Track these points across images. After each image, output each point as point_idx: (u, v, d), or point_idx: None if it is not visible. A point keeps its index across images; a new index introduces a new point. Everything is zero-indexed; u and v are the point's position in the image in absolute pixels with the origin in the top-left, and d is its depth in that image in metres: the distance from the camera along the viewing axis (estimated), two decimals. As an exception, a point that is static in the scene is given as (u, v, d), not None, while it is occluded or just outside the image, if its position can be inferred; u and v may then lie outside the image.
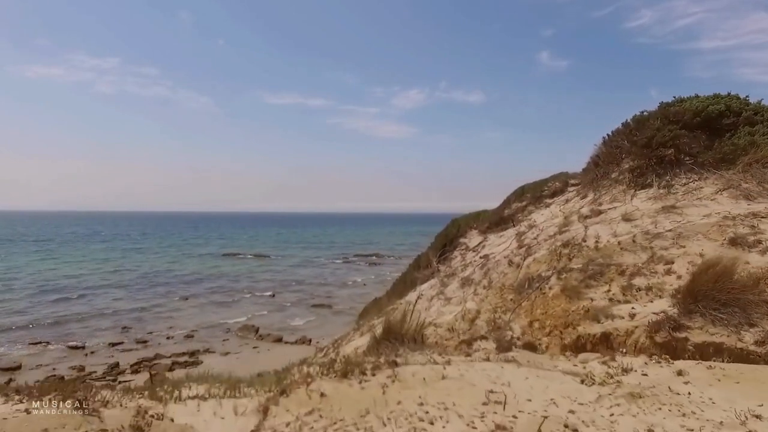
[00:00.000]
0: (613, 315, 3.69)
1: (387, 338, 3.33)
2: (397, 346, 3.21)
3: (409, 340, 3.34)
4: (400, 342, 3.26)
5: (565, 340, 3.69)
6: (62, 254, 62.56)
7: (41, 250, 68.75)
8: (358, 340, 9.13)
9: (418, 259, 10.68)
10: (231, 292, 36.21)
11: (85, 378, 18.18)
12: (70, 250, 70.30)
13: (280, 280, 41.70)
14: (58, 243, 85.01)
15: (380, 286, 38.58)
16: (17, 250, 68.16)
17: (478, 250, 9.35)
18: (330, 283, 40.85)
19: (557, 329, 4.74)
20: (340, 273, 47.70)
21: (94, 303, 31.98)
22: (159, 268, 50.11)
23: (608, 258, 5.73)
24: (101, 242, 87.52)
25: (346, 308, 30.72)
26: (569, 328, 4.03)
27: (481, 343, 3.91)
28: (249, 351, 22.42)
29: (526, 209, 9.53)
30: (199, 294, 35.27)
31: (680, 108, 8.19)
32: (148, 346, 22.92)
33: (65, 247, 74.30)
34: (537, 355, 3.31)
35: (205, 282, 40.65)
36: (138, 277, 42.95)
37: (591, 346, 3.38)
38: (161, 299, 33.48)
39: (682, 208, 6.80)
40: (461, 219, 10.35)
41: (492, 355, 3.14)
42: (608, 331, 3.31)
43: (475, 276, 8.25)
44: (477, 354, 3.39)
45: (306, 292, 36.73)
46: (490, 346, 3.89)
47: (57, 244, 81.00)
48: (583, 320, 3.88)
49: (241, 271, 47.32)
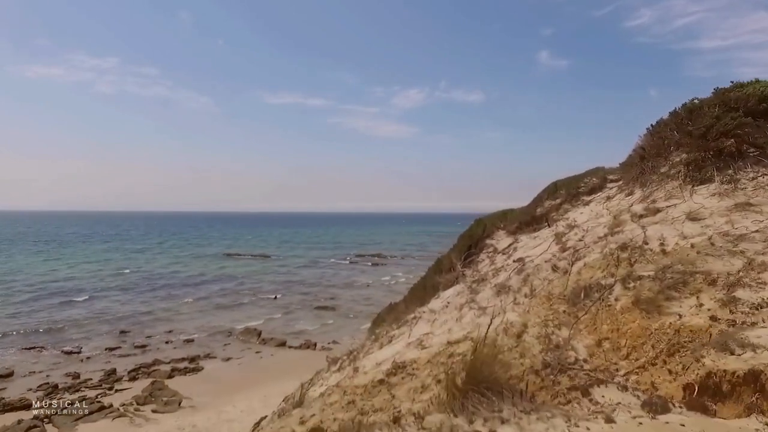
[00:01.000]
0: (753, 344, 2.77)
1: (475, 386, 2.36)
2: (495, 402, 2.28)
3: (506, 388, 2.41)
4: (497, 393, 2.32)
5: (682, 377, 2.77)
6: (63, 255, 61.74)
7: (43, 251, 67.96)
8: (377, 353, 8.19)
9: (439, 262, 9.76)
10: (233, 294, 35.34)
11: (79, 386, 17.30)
12: (71, 250, 69.50)
13: (283, 282, 40.83)
14: (59, 243, 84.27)
15: (385, 289, 37.63)
16: (17, 251, 67.38)
17: (509, 252, 8.44)
18: (334, 285, 39.96)
19: (642, 352, 3.82)
20: (344, 274, 46.81)
21: (93, 306, 31.12)
22: (160, 269, 49.24)
23: (689, 264, 4.82)
24: (102, 243, 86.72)
25: (351, 310, 29.87)
26: (675, 356, 3.13)
27: (600, 391, 2.97)
28: (251, 356, 21.53)
29: (561, 208, 8.63)
30: (200, 296, 34.39)
31: (742, 93, 7.27)
32: (147, 351, 22.02)
33: (66, 248, 73.51)
34: (714, 420, 2.22)
35: (207, 284, 39.79)
36: (139, 279, 42.07)
37: (730, 387, 2.47)
38: (162, 302, 32.61)
39: (760, 205, 5.88)
40: (486, 218, 9.42)
41: (645, 420, 2.19)
42: (757, 369, 2.40)
43: (512, 282, 7.33)
44: (619, 416, 2.30)
45: (310, 293, 35.85)
46: (615, 395, 2.93)
47: (58, 245, 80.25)
48: (702, 349, 2.98)
49: (243, 273, 46.45)
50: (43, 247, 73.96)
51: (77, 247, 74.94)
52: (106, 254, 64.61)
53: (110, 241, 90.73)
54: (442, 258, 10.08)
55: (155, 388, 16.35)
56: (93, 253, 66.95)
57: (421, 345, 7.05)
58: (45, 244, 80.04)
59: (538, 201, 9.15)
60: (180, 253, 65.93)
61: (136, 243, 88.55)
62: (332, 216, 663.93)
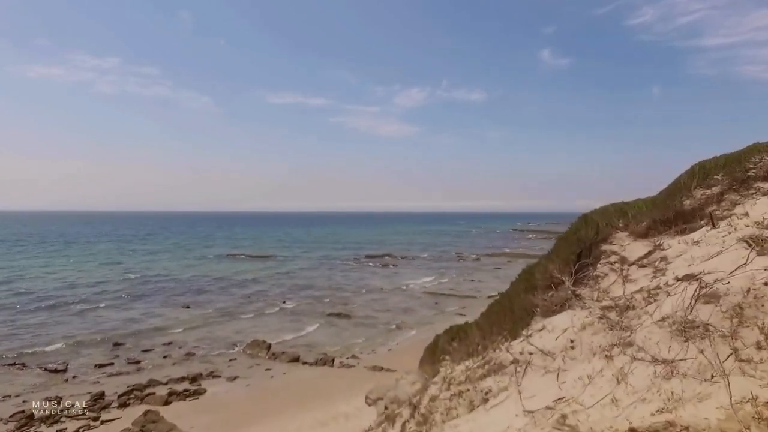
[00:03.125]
0: None
1: None
2: None
3: None
4: None
5: None
6: (65, 257, 59.13)
7: (43, 252, 65.46)
8: (470, 421, 5.43)
9: (529, 274, 7.14)
10: (238, 300, 32.70)
11: (60, 416, 14.62)
12: (74, 251, 66.94)
13: (290, 285, 38.16)
14: (61, 245, 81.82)
15: (401, 293, 34.64)
16: (12, 252, 64.86)
17: (655, 264, 5.82)
18: (344, 288, 37.31)
19: None
20: (354, 276, 44.15)
21: (86, 313, 28.48)
22: (160, 271, 46.63)
23: None
24: (105, 243, 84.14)
25: (368, 318, 27.23)
26: None
27: None
28: (261, 374, 18.87)
29: (724, 198, 6.08)
30: (203, 302, 31.74)
31: None
32: (142, 369, 19.34)
33: (69, 248, 70.97)
34: None
35: (209, 288, 37.15)
36: (138, 283, 39.44)
37: None
38: (161, 308, 29.95)
39: None
40: (597, 215, 6.77)
41: None
42: None
43: (700, 316, 4.60)
44: None
45: (320, 298, 33.21)
46: None
47: (60, 246, 77.78)
48: None
49: (248, 275, 43.82)
50: (46, 249, 71.45)
51: (80, 248, 72.39)
52: (106, 256, 62.09)
53: (111, 242, 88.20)
54: (534, 268, 7.40)
55: (148, 420, 13.67)
56: (92, 255, 64.46)
57: (565, 424, 4.31)
58: (45, 246, 77.51)
59: (678, 190, 6.53)
60: (183, 255, 63.36)
61: (138, 244, 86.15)
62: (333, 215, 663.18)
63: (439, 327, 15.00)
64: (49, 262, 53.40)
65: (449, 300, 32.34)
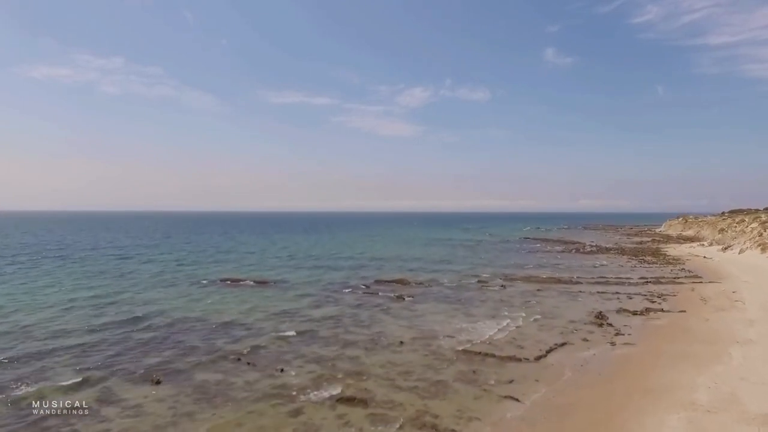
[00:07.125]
0: None
1: None
2: None
3: None
4: None
5: None
6: (49, 277, 52.73)
7: (32, 274, 59.16)
8: None
9: None
10: (220, 364, 25.85)
11: None
12: (59, 273, 60.62)
13: (287, 339, 31.27)
14: (55, 260, 75.66)
15: (426, 349, 25.88)
16: (5, 275, 58.54)
17: None
18: (353, 340, 30.49)
19: None
20: (364, 317, 37.35)
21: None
22: (141, 307, 39.97)
23: None
24: (91, 258, 77.88)
25: (390, 405, 20.24)
26: None
27: None
28: None
29: None
30: (178, 371, 24.70)
31: None
32: None
33: (57, 271, 64.60)
34: None
35: (187, 342, 30.29)
36: (106, 327, 32.73)
37: None
38: (114, 382, 22.97)
39: None
40: None
41: None
42: None
43: None
44: None
45: (325, 362, 26.39)
46: None
47: (52, 263, 71.59)
48: None
49: (237, 316, 37.12)
50: (35, 266, 65.20)
51: (68, 267, 66.06)
52: (92, 280, 55.70)
53: (107, 256, 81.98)
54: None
55: None
56: (76, 279, 58.09)
57: None
58: (38, 261, 71.28)
59: None
60: (173, 278, 56.89)
61: (136, 264, 79.89)
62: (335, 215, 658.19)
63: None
64: (31, 289, 46.83)
65: (488, 364, 25.51)
